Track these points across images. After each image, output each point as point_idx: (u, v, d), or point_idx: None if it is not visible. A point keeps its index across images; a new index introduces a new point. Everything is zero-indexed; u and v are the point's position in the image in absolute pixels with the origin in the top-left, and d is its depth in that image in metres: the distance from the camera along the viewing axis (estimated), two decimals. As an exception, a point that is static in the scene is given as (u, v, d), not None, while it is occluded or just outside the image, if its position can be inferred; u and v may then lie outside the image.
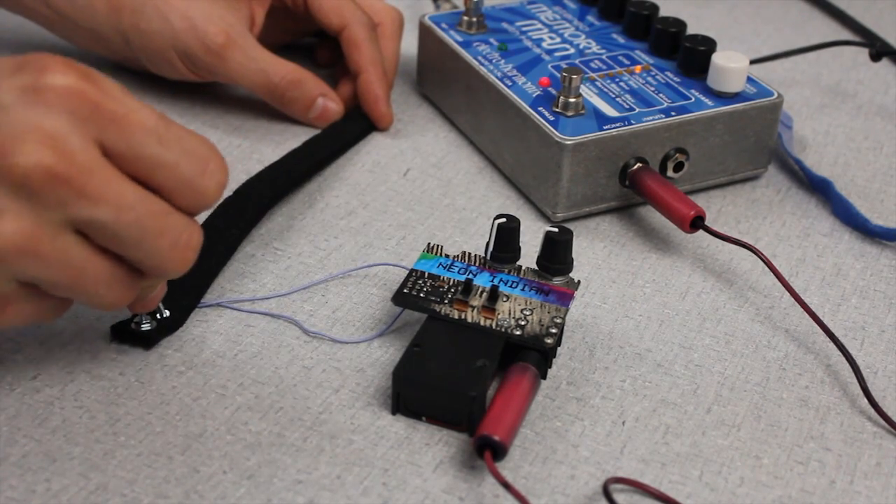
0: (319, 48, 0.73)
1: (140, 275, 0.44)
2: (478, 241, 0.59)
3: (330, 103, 0.66)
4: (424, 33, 0.69)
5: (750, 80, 0.63)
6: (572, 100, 0.59)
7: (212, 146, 0.44)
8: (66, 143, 0.39)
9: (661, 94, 0.62)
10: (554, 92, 0.61)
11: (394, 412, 0.48)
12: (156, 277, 0.45)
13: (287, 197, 0.60)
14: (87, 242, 0.41)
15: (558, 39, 0.67)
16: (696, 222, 0.57)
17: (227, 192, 0.59)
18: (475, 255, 0.53)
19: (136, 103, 0.41)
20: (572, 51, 0.66)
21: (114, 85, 0.41)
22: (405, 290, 0.51)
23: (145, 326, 0.50)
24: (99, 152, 0.40)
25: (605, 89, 0.62)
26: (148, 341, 0.50)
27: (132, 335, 0.50)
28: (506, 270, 0.52)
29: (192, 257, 0.44)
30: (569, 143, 0.57)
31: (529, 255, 0.54)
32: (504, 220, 0.52)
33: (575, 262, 0.53)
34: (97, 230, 0.41)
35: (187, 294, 0.52)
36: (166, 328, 0.50)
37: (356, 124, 0.67)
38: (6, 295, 0.42)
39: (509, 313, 0.49)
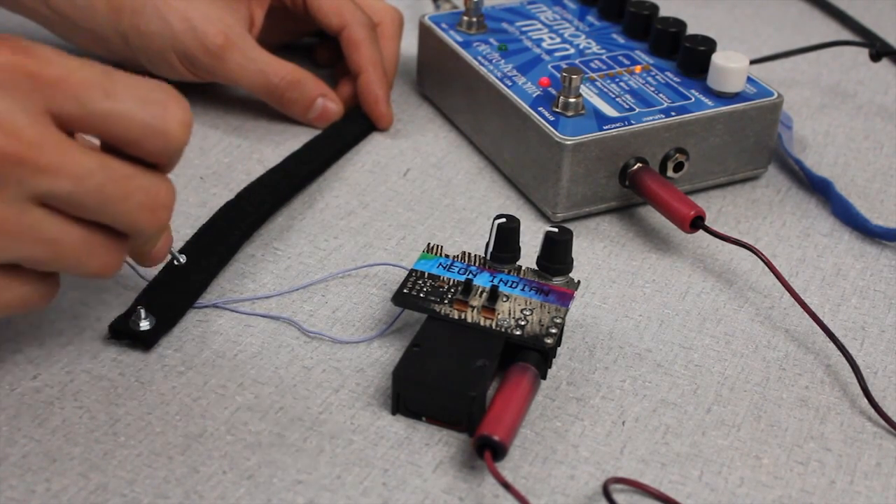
0: (319, 48, 0.73)
1: (122, 236, 0.43)
2: (478, 241, 0.59)
3: (329, 104, 0.66)
4: (424, 33, 0.69)
5: (750, 80, 0.63)
6: (572, 100, 0.59)
7: (168, 87, 0.42)
8: (12, 122, 0.39)
9: (661, 94, 0.62)
10: (554, 92, 0.61)
11: (394, 412, 0.48)
12: (135, 238, 0.44)
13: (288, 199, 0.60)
14: (56, 214, 0.41)
15: (558, 39, 0.67)
16: (696, 222, 0.57)
17: (229, 195, 0.59)
18: (475, 255, 0.53)
19: (75, 62, 0.40)
20: (572, 51, 0.66)
21: (50, 50, 0.40)
22: (405, 290, 0.51)
23: (144, 325, 0.50)
24: (50, 122, 0.40)
25: (605, 89, 0.62)
26: (146, 341, 0.50)
27: (130, 334, 0.50)
28: (506, 270, 0.52)
29: (165, 216, 0.43)
30: (569, 143, 0.57)
31: (529, 255, 0.54)
32: (504, 220, 0.52)
33: (575, 262, 0.53)
34: (60, 201, 0.40)
35: (186, 294, 0.52)
36: (163, 326, 0.50)
37: (356, 125, 0.67)
38: None
39: (509, 313, 0.49)
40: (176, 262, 0.51)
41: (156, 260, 0.48)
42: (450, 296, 0.50)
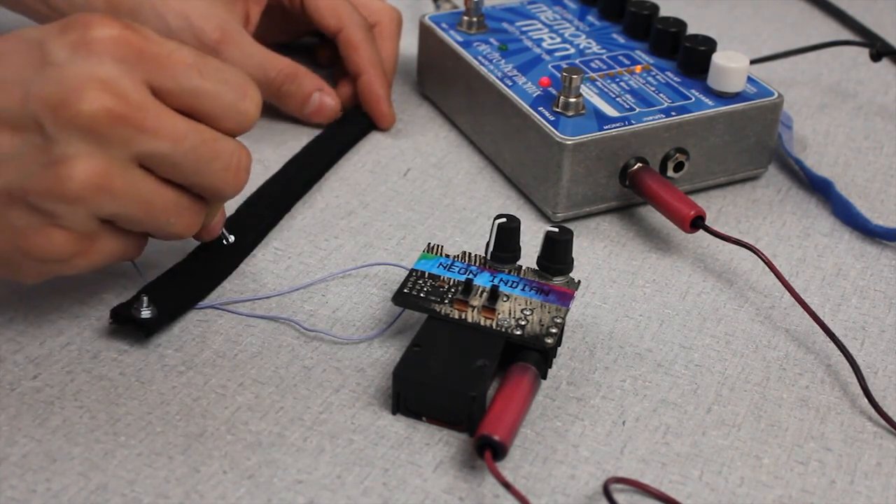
0: (319, 48, 0.73)
1: (203, 201, 0.48)
2: (478, 241, 0.59)
3: (326, 98, 0.66)
4: (424, 33, 0.69)
5: (750, 80, 0.63)
6: (572, 100, 0.59)
7: (245, 74, 0.48)
8: (121, 87, 0.43)
9: (661, 94, 0.62)
10: (554, 92, 0.61)
11: (394, 412, 0.48)
12: (216, 201, 0.49)
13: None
14: (152, 175, 0.45)
15: (558, 39, 0.67)
16: (697, 222, 0.57)
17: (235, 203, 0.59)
18: (475, 255, 0.53)
19: (174, 44, 0.45)
20: (572, 51, 0.66)
21: (152, 31, 0.45)
22: (405, 290, 0.51)
23: (145, 314, 0.50)
24: (148, 92, 0.44)
25: (606, 89, 0.62)
26: (147, 329, 0.50)
27: (132, 320, 0.50)
28: (506, 270, 0.52)
29: (245, 177, 0.48)
30: (569, 143, 0.57)
31: (529, 255, 0.54)
32: (504, 220, 0.52)
33: (575, 262, 0.53)
34: (159, 161, 0.45)
35: (189, 292, 0.52)
36: (163, 318, 0.50)
37: (356, 125, 0.67)
38: (89, 234, 0.45)
39: (509, 313, 0.49)
40: (224, 241, 0.54)
41: (212, 233, 0.53)
42: (450, 296, 0.50)
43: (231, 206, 0.58)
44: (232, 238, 0.55)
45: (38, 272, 0.47)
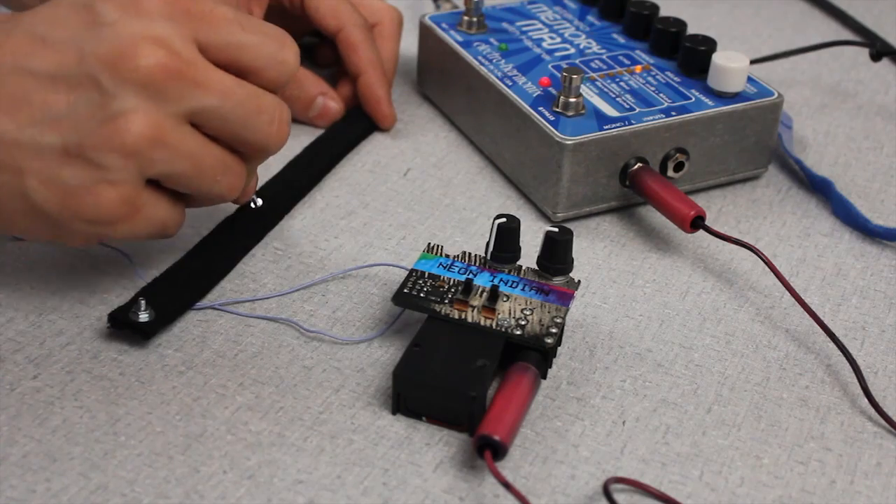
0: (320, 48, 0.73)
1: (244, 163, 0.49)
2: (478, 241, 0.59)
3: (330, 102, 0.66)
4: (424, 33, 0.69)
5: (750, 80, 0.63)
6: (572, 100, 0.59)
7: (280, 28, 0.49)
8: (173, 44, 0.45)
9: (661, 94, 0.62)
10: (554, 92, 0.61)
11: (394, 412, 0.48)
12: (259, 157, 0.50)
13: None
14: (200, 133, 0.47)
15: (558, 39, 0.67)
16: (697, 222, 0.57)
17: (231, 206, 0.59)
18: (475, 255, 0.53)
19: (215, 2, 0.47)
20: (572, 51, 0.66)
21: None
22: (405, 290, 0.51)
23: (143, 317, 0.50)
24: (196, 48, 0.46)
25: (606, 89, 0.62)
26: (144, 332, 0.50)
27: (129, 324, 0.50)
28: (506, 270, 0.52)
29: (287, 131, 0.49)
30: (569, 143, 0.57)
31: (529, 255, 0.54)
32: (504, 220, 0.52)
33: (575, 262, 0.53)
34: (208, 116, 0.46)
35: (186, 293, 0.52)
36: (161, 321, 0.50)
37: (357, 126, 0.67)
38: (137, 197, 0.46)
39: (509, 313, 0.49)
40: (253, 205, 0.57)
41: (247, 194, 0.54)
42: (450, 296, 0.50)
43: (232, 206, 0.58)
44: (260, 202, 0.57)
45: (85, 235, 0.48)
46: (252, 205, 0.57)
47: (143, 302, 0.50)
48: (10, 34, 0.46)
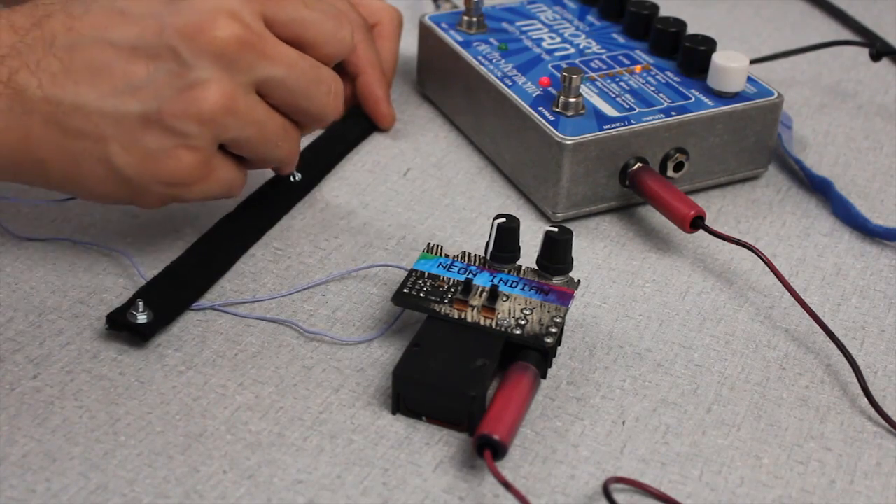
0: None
1: (299, 131, 0.53)
2: (478, 241, 0.59)
3: None
4: (424, 33, 0.69)
5: (750, 79, 0.63)
6: (572, 100, 0.59)
7: (340, 5, 0.54)
8: (245, 18, 0.48)
9: (661, 94, 0.62)
10: (554, 92, 0.61)
11: (394, 412, 0.48)
12: (314, 126, 0.54)
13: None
14: (264, 102, 0.50)
15: (558, 39, 0.67)
16: (697, 222, 0.57)
17: (232, 203, 0.59)
18: (475, 255, 0.53)
19: None
20: (572, 51, 0.66)
21: None
22: (405, 290, 0.51)
23: (141, 318, 0.50)
24: (263, 23, 0.49)
25: (606, 89, 0.62)
26: (143, 334, 0.50)
27: (127, 326, 0.50)
28: (506, 270, 0.52)
29: (341, 103, 0.53)
30: (569, 142, 0.57)
31: (529, 255, 0.54)
32: (504, 220, 0.52)
33: (575, 262, 0.53)
34: (274, 86, 0.50)
35: (184, 293, 0.52)
36: (160, 322, 0.50)
37: (356, 126, 0.67)
38: (210, 161, 0.50)
39: (509, 313, 0.49)
40: (292, 178, 0.59)
41: (293, 164, 0.56)
42: (450, 295, 0.50)
43: (231, 205, 0.58)
44: (299, 176, 0.59)
45: (160, 197, 0.50)
46: (291, 178, 0.59)
47: (140, 303, 0.50)
48: (89, 9, 0.48)
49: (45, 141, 0.48)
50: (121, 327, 0.50)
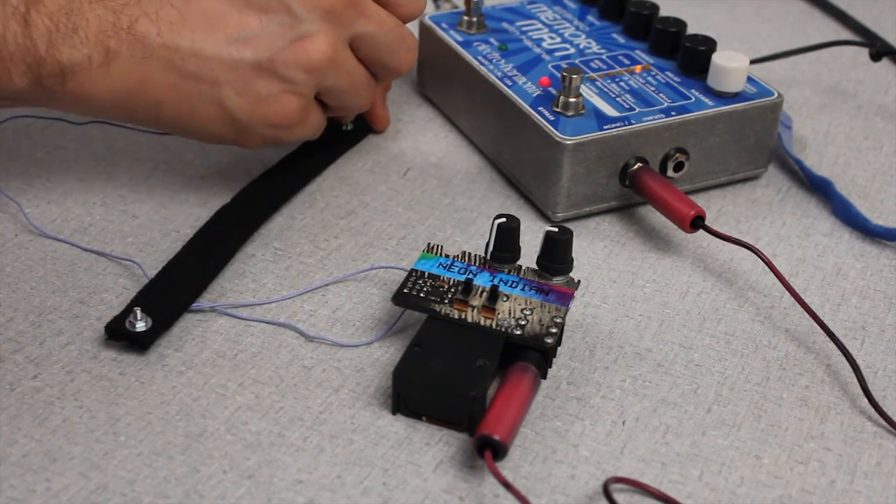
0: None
1: (375, 82, 0.59)
2: (478, 241, 0.59)
3: None
4: (424, 33, 0.69)
5: (750, 79, 0.63)
6: (572, 100, 0.59)
7: None
8: None
9: (661, 94, 0.62)
10: (554, 92, 0.61)
11: (394, 412, 0.48)
12: (390, 79, 0.60)
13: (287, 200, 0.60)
14: (354, 55, 0.56)
15: (558, 39, 0.67)
16: (697, 222, 0.57)
17: (229, 195, 0.59)
18: (475, 255, 0.53)
19: None
20: (572, 51, 0.66)
21: None
22: (405, 291, 0.51)
23: (140, 326, 0.49)
24: None
25: (606, 89, 0.62)
26: (142, 342, 0.49)
27: (127, 335, 0.50)
28: (506, 270, 0.52)
29: (414, 58, 0.59)
30: (569, 142, 0.57)
31: (529, 255, 0.54)
32: (504, 220, 0.52)
33: (575, 262, 0.53)
34: (366, 41, 0.56)
35: (182, 295, 0.52)
36: (159, 328, 0.50)
37: (354, 125, 0.66)
38: (309, 107, 0.56)
39: (509, 313, 0.49)
40: (345, 127, 0.65)
41: (351, 115, 0.62)
42: (450, 296, 0.50)
43: (226, 196, 0.58)
44: (351, 126, 0.65)
45: (263, 138, 0.56)
46: (344, 126, 0.64)
47: (138, 311, 0.50)
48: None
49: (162, 84, 0.52)
50: (120, 337, 0.50)
